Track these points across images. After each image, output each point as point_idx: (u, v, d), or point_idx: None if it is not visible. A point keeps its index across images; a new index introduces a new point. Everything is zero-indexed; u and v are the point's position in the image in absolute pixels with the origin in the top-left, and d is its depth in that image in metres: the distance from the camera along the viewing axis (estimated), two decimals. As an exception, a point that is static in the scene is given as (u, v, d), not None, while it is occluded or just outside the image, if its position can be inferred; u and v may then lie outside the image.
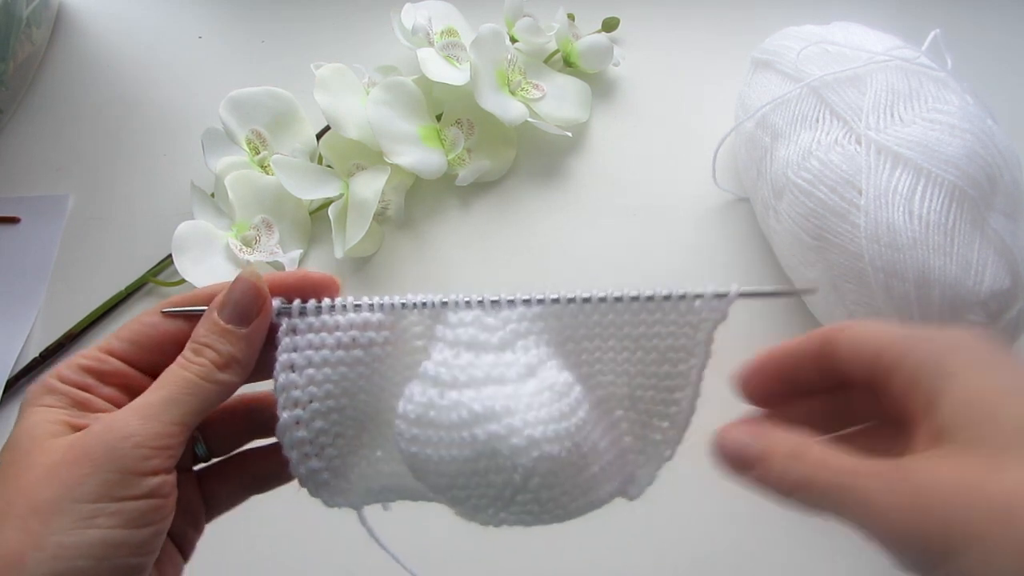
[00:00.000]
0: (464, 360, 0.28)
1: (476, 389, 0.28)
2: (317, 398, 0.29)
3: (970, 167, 0.41)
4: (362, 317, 0.29)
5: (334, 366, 0.29)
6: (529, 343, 0.29)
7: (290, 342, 0.29)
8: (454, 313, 0.29)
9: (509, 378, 0.28)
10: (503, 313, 0.29)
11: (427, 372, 0.28)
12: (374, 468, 0.31)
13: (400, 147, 0.53)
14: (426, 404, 0.28)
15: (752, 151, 0.50)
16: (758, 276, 0.52)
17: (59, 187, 0.61)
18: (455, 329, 0.29)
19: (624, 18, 0.64)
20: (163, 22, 0.70)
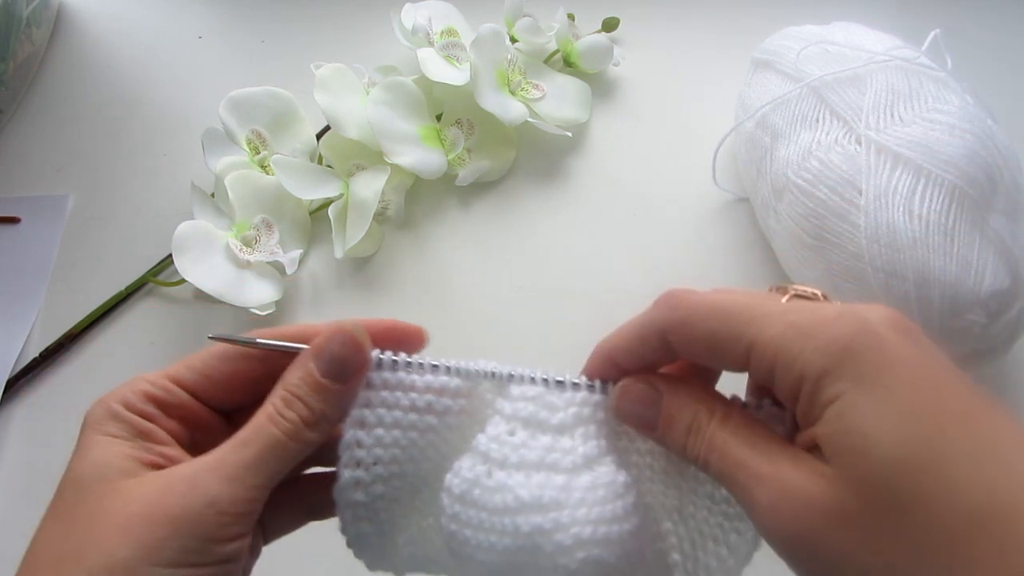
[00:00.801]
0: (519, 438, 0.27)
1: (526, 474, 0.26)
2: (382, 461, 0.27)
3: (970, 167, 0.41)
4: (440, 382, 0.27)
5: (405, 430, 0.27)
6: (590, 431, 0.27)
7: (364, 396, 0.27)
8: (517, 386, 0.27)
9: (563, 467, 0.26)
10: (567, 394, 0.27)
11: (478, 446, 0.27)
12: (423, 536, 0.30)
13: (400, 147, 0.53)
14: (472, 481, 0.26)
15: (752, 151, 0.50)
16: (758, 276, 0.52)
17: (59, 187, 0.61)
18: (515, 403, 0.27)
19: (624, 18, 0.64)
20: (163, 22, 0.70)
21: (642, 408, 0.26)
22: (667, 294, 0.26)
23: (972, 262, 0.40)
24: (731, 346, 0.24)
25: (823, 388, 0.22)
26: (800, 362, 0.22)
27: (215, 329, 0.53)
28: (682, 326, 0.25)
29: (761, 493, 0.22)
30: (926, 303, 0.40)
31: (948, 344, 0.41)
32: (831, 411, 0.22)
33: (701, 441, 0.24)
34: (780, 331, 0.23)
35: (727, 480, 0.24)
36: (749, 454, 0.23)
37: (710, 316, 0.25)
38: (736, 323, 0.24)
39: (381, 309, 0.53)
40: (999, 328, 0.41)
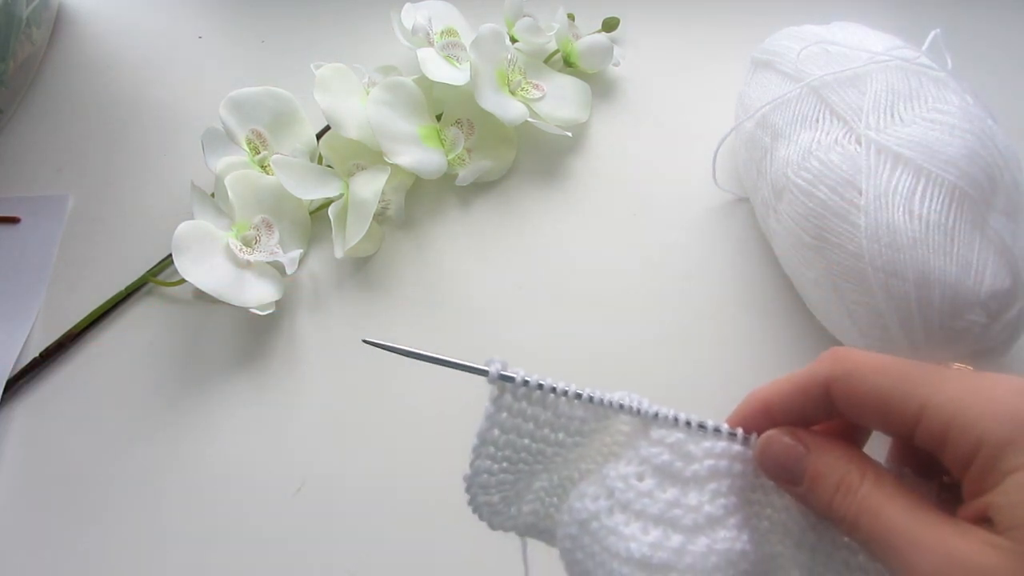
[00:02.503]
0: (646, 485, 0.26)
1: (643, 526, 0.26)
2: (509, 460, 0.28)
3: (970, 167, 0.41)
4: (580, 413, 0.27)
5: (537, 440, 0.28)
6: (722, 487, 0.26)
7: (508, 402, 0.27)
8: (657, 430, 0.27)
9: (683, 525, 0.26)
10: (707, 443, 0.26)
11: (606, 477, 0.27)
12: (545, 511, 0.30)
13: (400, 147, 0.53)
14: (592, 513, 0.26)
15: (752, 151, 0.50)
16: (758, 276, 0.52)
17: (59, 187, 0.61)
18: (652, 447, 0.27)
19: (624, 18, 0.64)
20: (163, 22, 0.70)
21: (787, 461, 0.25)
22: (834, 349, 0.26)
23: (972, 262, 0.40)
24: (901, 405, 0.23)
25: (1005, 456, 0.21)
26: (979, 427, 0.21)
27: (215, 329, 0.53)
28: (849, 379, 0.24)
29: (921, 560, 0.21)
30: (926, 303, 0.40)
31: (948, 345, 0.41)
32: (1012, 481, 0.21)
33: (852, 501, 0.24)
34: (958, 394, 0.22)
35: (879, 544, 0.23)
36: (907, 519, 0.22)
37: (879, 372, 0.24)
38: (908, 382, 0.23)
39: (381, 309, 0.53)
40: (999, 328, 0.41)
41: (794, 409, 0.26)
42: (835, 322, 0.46)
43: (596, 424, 0.28)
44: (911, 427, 0.23)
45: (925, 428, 0.23)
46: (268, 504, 0.47)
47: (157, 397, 0.51)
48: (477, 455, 0.28)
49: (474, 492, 0.29)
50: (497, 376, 0.27)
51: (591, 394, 0.27)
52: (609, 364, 0.50)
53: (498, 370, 0.27)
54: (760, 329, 0.51)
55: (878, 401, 0.24)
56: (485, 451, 0.28)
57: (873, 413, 0.24)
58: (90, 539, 0.47)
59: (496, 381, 0.27)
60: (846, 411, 0.25)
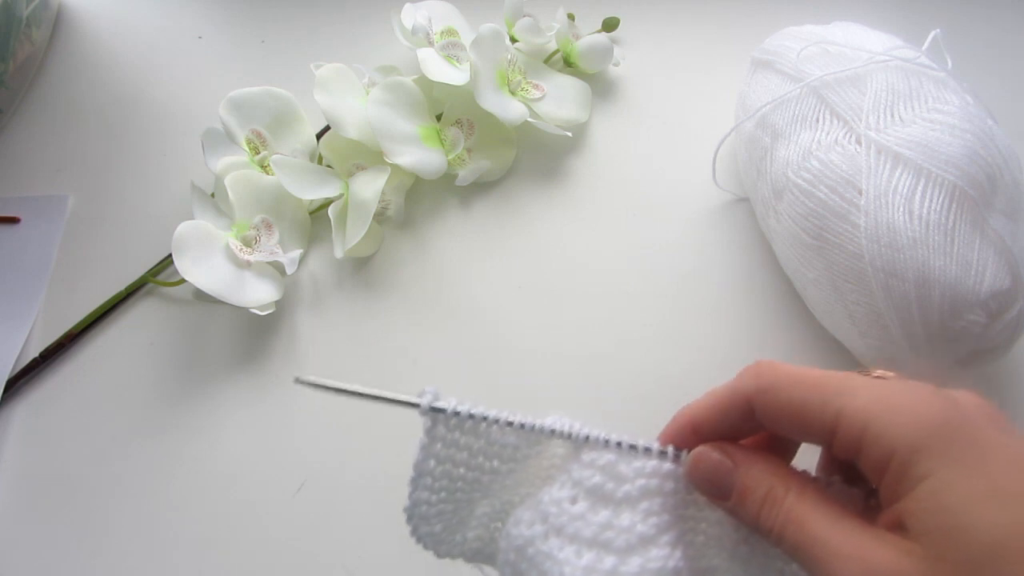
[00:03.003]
0: (578, 509, 0.27)
1: (577, 549, 0.26)
2: (447, 489, 0.28)
3: (970, 167, 0.41)
4: (511, 439, 0.28)
5: (472, 469, 0.28)
6: (654, 505, 0.27)
7: (442, 434, 0.28)
8: (589, 452, 0.27)
9: (616, 546, 0.26)
10: (638, 463, 0.27)
11: (540, 503, 0.27)
12: (490, 536, 0.30)
13: (400, 147, 0.53)
14: (528, 539, 0.27)
15: (752, 151, 0.50)
16: (758, 276, 0.52)
17: (59, 187, 0.61)
18: (583, 470, 0.27)
19: (624, 18, 0.64)
20: (163, 22, 0.70)
21: (716, 477, 0.26)
22: (754, 364, 0.26)
23: (972, 262, 0.40)
24: (818, 415, 0.24)
25: (915, 464, 0.22)
26: (890, 435, 0.22)
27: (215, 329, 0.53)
28: (768, 393, 0.25)
29: (840, 568, 0.22)
30: (926, 303, 0.40)
31: (948, 344, 0.41)
32: (923, 488, 0.21)
33: (776, 513, 0.24)
34: (870, 403, 0.23)
35: (802, 554, 0.23)
36: (828, 529, 0.23)
37: (798, 384, 0.25)
38: (824, 392, 0.24)
39: (381, 309, 0.53)
40: (999, 328, 0.41)
41: (721, 424, 0.27)
42: (835, 322, 0.46)
43: (529, 450, 0.28)
44: (829, 437, 0.24)
45: (841, 438, 0.23)
46: (269, 504, 0.47)
47: (157, 397, 0.51)
48: (415, 487, 0.28)
49: (415, 523, 0.29)
50: (428, 408, 0.27)
51: (522, 421, 0.27)
52: (609, 363, 0.50)
53: (429, 402, 0.27)
54: (760, 329, 0.51)
55: (796, 412, 0.24)
56: (423, 482, 0.28)
57: (793, 424, 0.25)
58: (90, 539, 0.47)
59: (428, 413, 0.27)
60: (768, 424, 0.26)
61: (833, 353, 0.48)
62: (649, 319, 0.52)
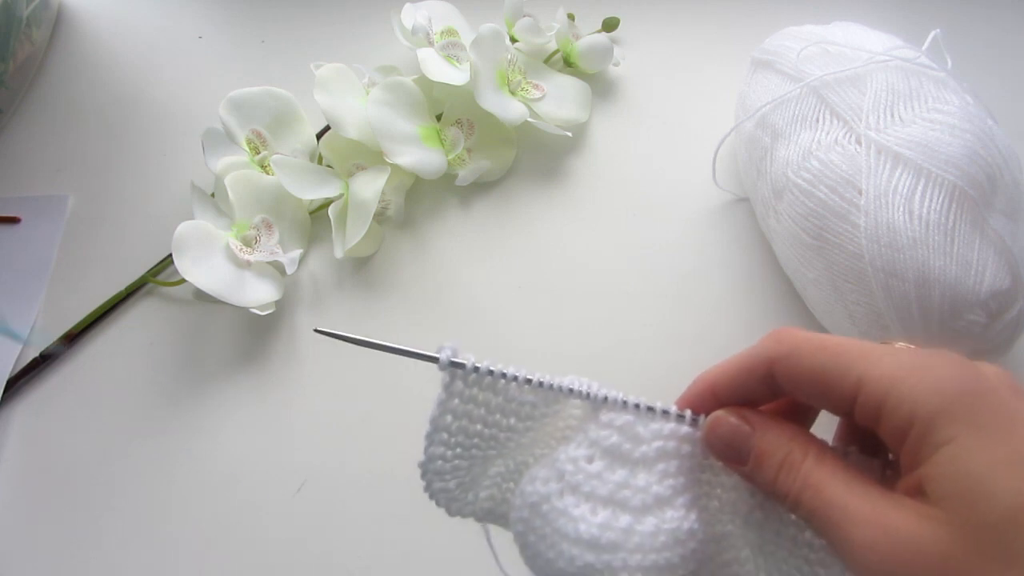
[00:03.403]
0: (595, 467, 0.27)
1: (593, 507, 0.26)
2: (462, 445, 0.28)
3: (970, 167, 0.41)
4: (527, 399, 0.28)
5: (489, 425, 0.28)
6: (670, 468, 0.27)
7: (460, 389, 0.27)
8: (607, 413, 0.27)
9: (632, 505, 0.26)
10: (655, 425, 0.27)
11: (556, 460, 0.27)
12: (502, 495, 0.30)
13: (400, 147, 0.53)
14: (543, 496, 0.27)
15: (752, 151, 0.50)
16: (758, 276, 0.53)
17: (59, 187, 0.61)
18: (601, 430, 0.27)
19: (624, 18, 0.64)
20: (163, 22, 0.70)
21: (733, 440, 0.26)
22: (776, 330, 0.26)
23: (972, 262, 0.40)
24: (839, 380, 0.24)
25: (936, 429, 0.22)
26: (912, 400, 0.22)
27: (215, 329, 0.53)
28: (789, 358, 0.25)
29: (858, 532, 0.22)
30: (926, 303, 0.40)
31: (948, 344, 0.41)
32: (944, 453, 0.21)
33: (794, 478, 0.24)
34: (892, 369, 0.23)
35: (819, 518, 0.23)
36: (845, 493, 0.23)
37: (820, 350, 0.25)
38: (846, 358, 0.24)
39: (381, 309, 0.53)
40: (999, 328, 0.41)
41: (740, 390, 0.27)
42: (835, 322, 0.46)
43: (546, 408, 0.28)
44: (849, 403, 0.24)
45: (862, 403, 0.23)
46: (269, 504, 0.47)
47: (157, 397, 0.51)
48: (430, 441, 0.28)
49: (429, 478, 0.29)
50: (448, 363, 0.27)
51: (540, 379, 0.27)
52: (609, 363, 0.50)
53: (448, 356, 0.27)
54: (760, 329, 0.51)
55: (818, 378, 0.24)
56: (438, 437, 0.28)
57: (814, 390, 0.25)
58: (90, 539, 0.47)
59: (447, 368, 0.27)
60: (789, 389, 0.26)
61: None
62: (649, 319, 0.52)
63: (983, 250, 0.41)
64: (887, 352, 0.24)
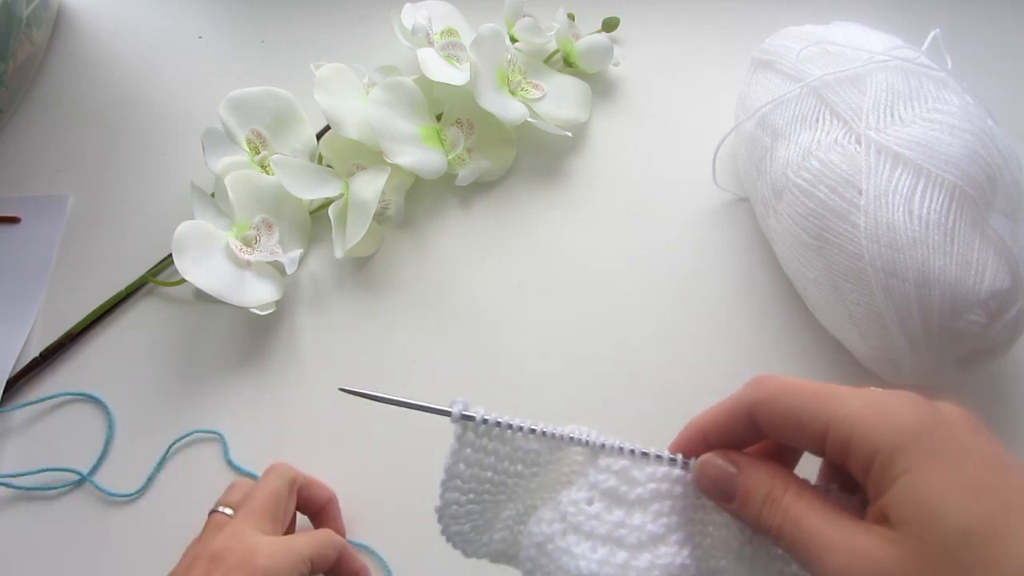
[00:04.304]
0: (594, 509, 0.29)
1: (592, 545, 0.28)
2: (475, 491, 0.30)
3: (970, 167, 0.41)
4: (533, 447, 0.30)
5: (499, 472, 0.30)
6: (664, 507, 0.29)
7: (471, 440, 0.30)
8: (605, 458, 0.29)
9: (627, 543, 0.28)
10: (650, 468, 0.29)
11: (559, 503, 0.29)
12: (515, 538, 0.32)
13: (400, 147, 0.53)
14: (547, 536, 0.29)
15: (752, 151, 0.50)
16: (758, 276, 0.52)
17: (59, 187, 0.61)
18: (599, 474, 0.29)
19: (624, 18, 0.64)
20: (163, 22, 0.70)
21: (720, 481, 0.28)
22: (756, 377, 0.29)
23: (972, 262, 0.40)
24: (812, 422, 0.26)
25: (895, 461, 0.24)
26: (875, 437, 0.24)
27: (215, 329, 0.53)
28: (767, 403, 0.27)
29: (831, 557, 0.24)
30: (926, 303, 0.40)
31: (948, 344, 0.41)
32: (902, 482, 0.24)
33: (776, 512, 0.26)
34: (857, 409, 0.25)
35: (799, 547, 0.25)
36: (821, 524, 0.25)
37: (793, 394, 0.27)
38: (817, 401, 0.26)
39: (381, 309, 0.53)
40: (999, 328, 0.41)
41: (728, 433, 0.29)
42: (835, 322, 0.46)
43: (550, 455, 0.30)
44: (821, 442, 0.26)
45: (831, 442, 0.26)
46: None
47: (157, 397, 0.51)
48: (445, 488, 0.30)
49: (446, 523, 0.31)
50: (459, 416, 0.29)
51: (544, 429, 0.29)
52: (609, 363, 0.50)
53: (460, 411, 0.29)
54: (760, 329, 0.51)
55: (793, 420, 0.27)
56: (452, 484, 0.30)
57: (791, 431, 0.27)
58: (90, 539, 0.47)
59: (459, 421, 0.29)
60: (769, 431, 0.28)
61: (833, 353, 0.48)
62: (649, 319, 0.52)
63: (983, 250, 0.41)
64: (853, 394, 0.26)
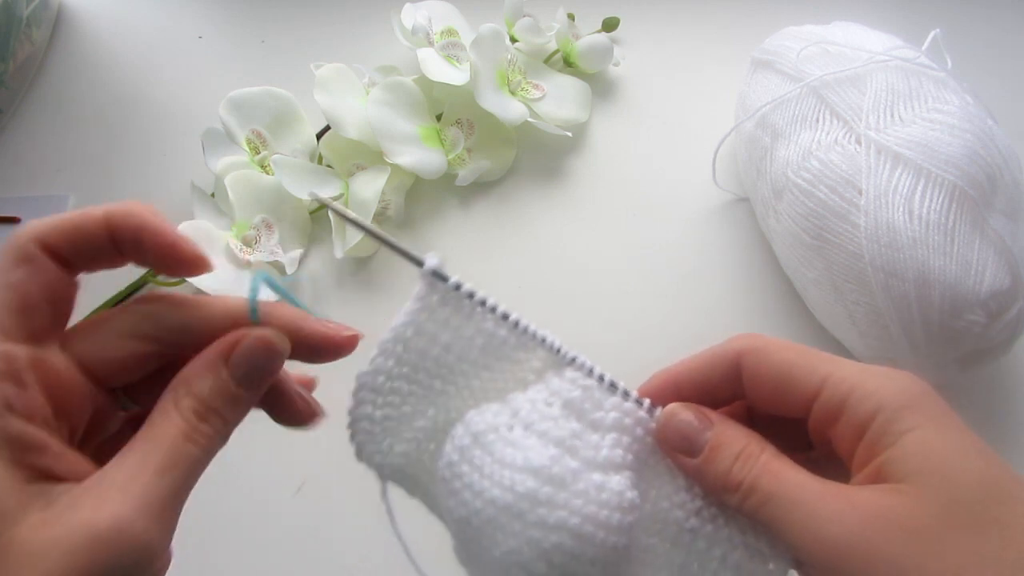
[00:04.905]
0: (552, 412, 0.26)
1: (545, 444, 0.25)
2: (411, 366, 0.27)
3: (970, 167, 0.41)
4: (503, 334, 0.27)
5: (448, 352, 0.27)
6: (623, 440, 0.26)
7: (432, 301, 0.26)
8: (574, 371, 0.27)
9: (582, 456, 0.26)
10: (614, 398, 0.27)
11: (512, 400, 0.27)
12: (418, 455, 0.29)
13: (400, 147, 0.53)
14: (491, 426, 0.26)
15: (752, 151, 0.50)
16: (758, 276, 0.52)
17: (59, 187, 0.61)
18: (565, 383, 0.27)
19: (624, 18, 0.64)
20: (163, 22, 0.70)
21: (690, 431, 0.26)
22: (744, 333, 0.28)
23: (972, 262, 0.40)
24: (805, 376, 0.25)
25: (902, 419, 0.23)
26: (879, 395, 0.24)
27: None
28: (758, 352, 0.26)
29: (822, 505, 0.23)
30: (926, 303, 0.40)
31: (948, 344, 0.41)
32: (912, 436, 0.23)
33: (752, 466, 0.25)
34: (857, 370, 0.25)
35: (777, 499, 0.24)
36: (807, 477, 0.24)
37: (787, 349, 0.26)
38: (813, 357, 0.26)
39: (381, 309, 0.53)
40: (999, 328, 0.41)
41: (702, 385, 0.27)
42: (835, 322, 0.46)
43: (511, 353, 0.27)
44: (811, 399, 0.25)
45: (825, 399, 0.25)
46: (268, 504, 0.47)
47: (157, 397, 0.51)
48: (382, 351, 0.26)
49: (362, 396, 0.27)
50: (430, 271, 0.26)
51: (517, 319, 0.27)
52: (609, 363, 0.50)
53: (432, 266, 0.26)
54: (760, 329, 0.51)
55: (785, 373, 0.26)
56: (392, 349, 0.26)
57: (778, 385, 0.26)
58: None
59: (427, 276, 0.26)
60: (752, 385, 0.26)
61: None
62: (649, 318, 0.52)
63: (983, 250, 0.41)
64: (847, 360, 0.26)
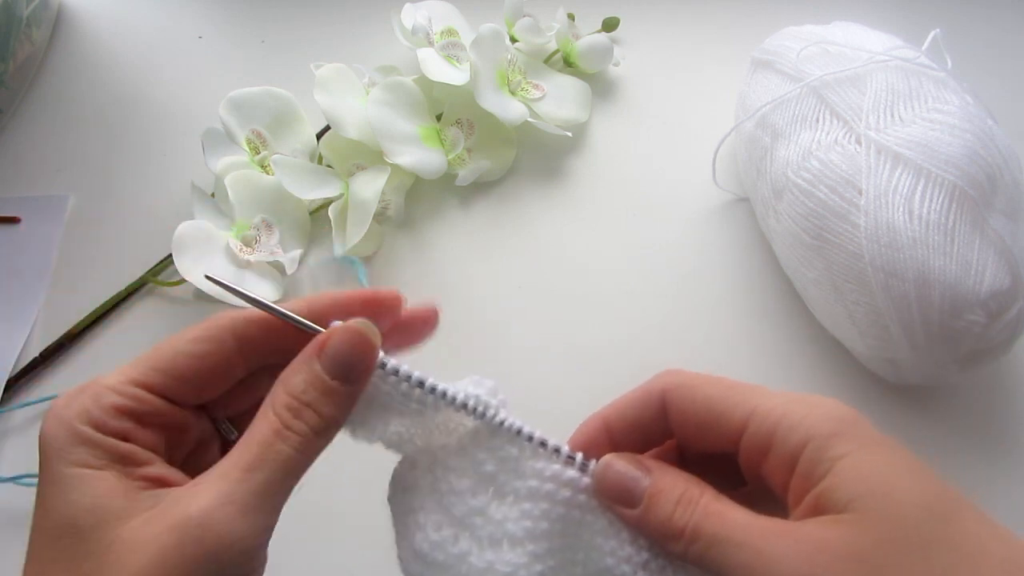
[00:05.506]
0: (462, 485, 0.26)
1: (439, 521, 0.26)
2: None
3: (970, 167, 0.41)
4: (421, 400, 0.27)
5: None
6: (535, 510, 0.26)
7: None
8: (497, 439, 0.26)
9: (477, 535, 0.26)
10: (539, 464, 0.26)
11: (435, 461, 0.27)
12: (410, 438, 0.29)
13: (400, 147, 0.53)
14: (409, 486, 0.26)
15: (752, 151, 0.50)
16: (758, 276, 0.52)
17: (59, 187, 0.61)
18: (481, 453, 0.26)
19: (624, 18, 0.64)
20: (163, 22, 0.70)
21: (628, 481, 0.25)
22: (668, 369, 0.27)
23: (972, 262, 0.40)
24: (732, 410, 0.25)
25: (833, 446, 0.23)
26: (807, 425, 0.23)
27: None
28: (683, 388, 0.26)
29: (768, 545, 0.22)
30: (926, 303, 0.40)
31: (948, 344, 0.41)
32: (845, 463, 0.23)
33: (693, 511, 0.24)
34: (782, 402, 0.24)
35: (722, 541, 0.23)
36: (751, 517, 0.23)
37: (712, 384, 0.26)
38: (739, 391, 0.25)
39: (381, 309, 0.53)
40: (999, 328, 0.41)
41: (632, 423, 0.27)
42: (835, 322, 0.46)
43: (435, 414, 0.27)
44: (738, 433, 0.25)
45: (752, 432, 0.24)
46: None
47: (157, 397, 0.51)
48: None
49: None
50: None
51: (434, 385, 0.26)
52: (608, 363, 0.50)
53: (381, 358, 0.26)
54: (760, 329, 0.51)
55: (711, 408, 0.25)
56: None
57: (706, 419, 0.25)
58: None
59: None
60: (679, 422, 0.26)
61: (833, 353, 0.48)
62: (649, 318, 0.52)
63: (983, 250, 0.41)
64: (772, 391, 0.25)
